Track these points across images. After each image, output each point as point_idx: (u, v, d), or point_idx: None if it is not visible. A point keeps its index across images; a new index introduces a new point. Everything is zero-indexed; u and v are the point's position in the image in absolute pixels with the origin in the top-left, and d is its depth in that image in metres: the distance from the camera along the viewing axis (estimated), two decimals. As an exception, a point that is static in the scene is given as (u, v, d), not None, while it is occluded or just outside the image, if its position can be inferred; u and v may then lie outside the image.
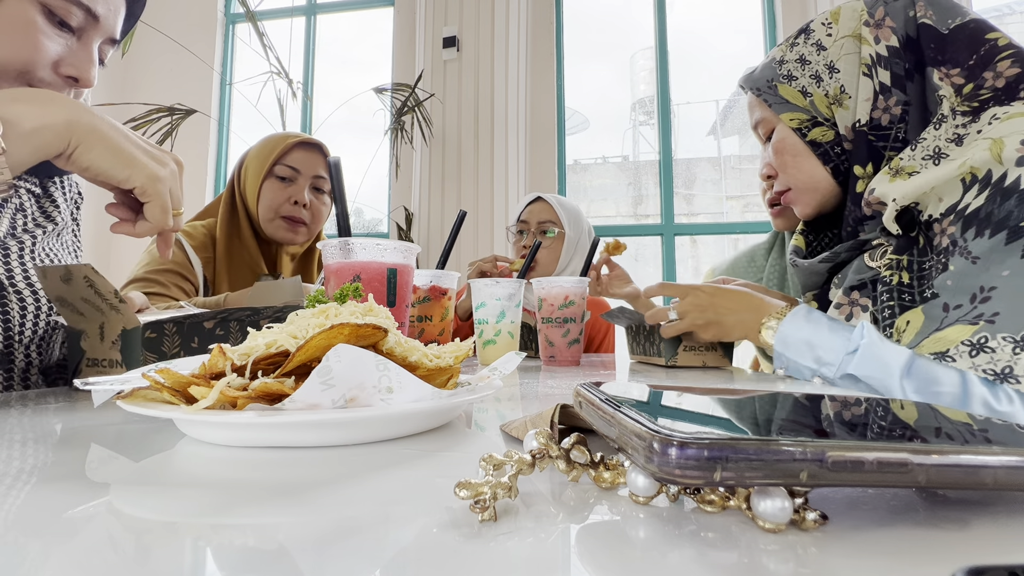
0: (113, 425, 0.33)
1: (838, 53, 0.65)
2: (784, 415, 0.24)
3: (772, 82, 0.70)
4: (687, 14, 3.16)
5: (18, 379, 0.57)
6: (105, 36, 0.59)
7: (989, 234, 0.50)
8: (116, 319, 0.48)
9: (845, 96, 0.65)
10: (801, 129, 0.69)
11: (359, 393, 0.27)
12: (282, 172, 1.03)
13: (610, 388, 0.25)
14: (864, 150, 0.64)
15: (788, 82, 0.69)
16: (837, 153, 0.68)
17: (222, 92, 3.15)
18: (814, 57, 0.67)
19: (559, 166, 2.77)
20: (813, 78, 0.67)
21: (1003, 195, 0.50)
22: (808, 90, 0.67)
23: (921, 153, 0.58)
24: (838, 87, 0.65)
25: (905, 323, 0.55)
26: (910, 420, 0.23)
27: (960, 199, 0.53)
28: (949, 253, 0.54)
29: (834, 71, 0.65)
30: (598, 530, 0.17)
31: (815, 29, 0.67)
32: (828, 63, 0.66)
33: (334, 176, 0.57)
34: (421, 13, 2.77)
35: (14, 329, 0.56)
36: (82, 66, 0.57)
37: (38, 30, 0.53)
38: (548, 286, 0.84)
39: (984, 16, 0.61)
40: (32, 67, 0.54)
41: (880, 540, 0.16)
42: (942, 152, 0.56)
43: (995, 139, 0.52)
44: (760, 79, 0.72)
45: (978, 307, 0.51)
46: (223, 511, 0.19)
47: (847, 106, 0.65)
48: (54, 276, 0.48)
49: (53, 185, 0.65)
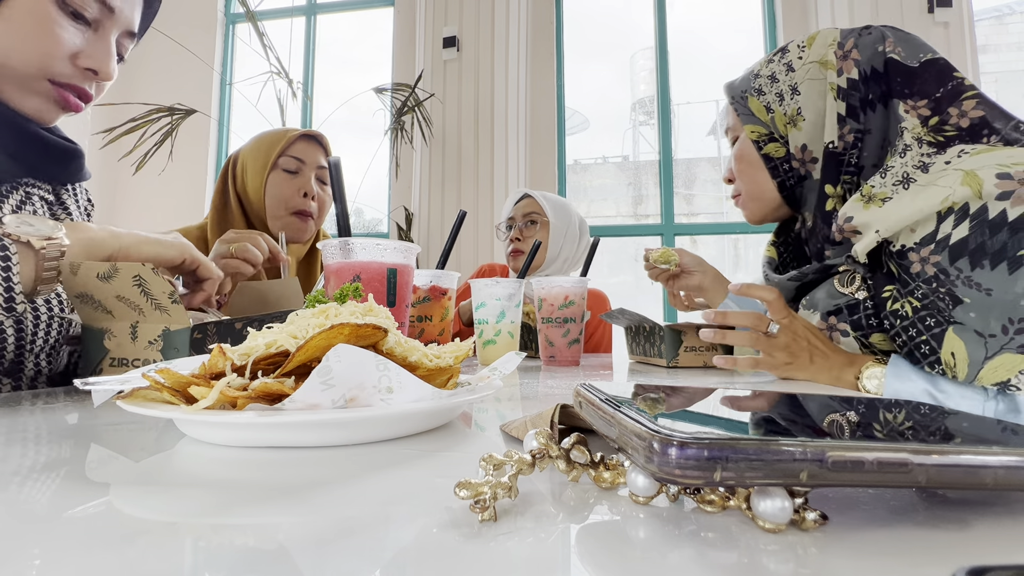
0: (113, 425, 0.33)
1: (803, 76, 0.69)
2: (784, 415, 0.24)
3: (745, 93, 0.75)
4: (687, 14, 3.16)
5: (26, 387, 0.57)
6: (122, 29, 0.59)
7: (990, 265, 0.53)
8: (158, 319, 0.48)
9: (800, 118, 0.70)
10: (759, 142, 0.74)
11: (359, 393, 0.27)
12: (288, 164, 1.01)
13: (610, 388, 0.25)
14: (833, 171, 0.68)
15: (757, 96, 0.73)
16: (785, 169, 0.73)
17: (222, 92, 3.15)
18: (783, 76, 0.71)
19: (559, 166, 2.77)
20: (777, 96, 0.71)
21: (991, 228, 0.53)
22: (771, 107, 0.72)
23: (891, 180, 0.61)
24: (795, 108, 0.70)
25: (950, 354, 0.55)
26: (910, 420, 0.23)
27: (936, 229, 0.56)
28: (944, 283, 0.56)
29: (796, 93, 0.70)
30: (598, 530, 0.17)
31: (790, 50, 0.71)
32: (792, 84, 0.70)
33: (334, 176, 0.57)
34: (421, 13, 2.77)
35: (27, 338, 0.55)
36: (101, 58, 0.57)
37: (53, 22, 0.53)
38: (548, 286, 0.84)
39: (984, 16, 0.62)
40: (50, 60, 0.54)
41: (880, 540, 0.16)
42: (910, 177, 0.60)
43: (967, 171, 0.55)
44: (737, 88, 0.76)
45: (1015, 337, 0.52)
46: (223, 511, 0.19)
47: (800, 127, 0.70)
48: (88, 272, 0.48)
49: (65, 192, 0.64)
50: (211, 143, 3.09)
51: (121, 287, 0.48)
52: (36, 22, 0.53)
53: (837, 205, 0.68)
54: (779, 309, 0.65)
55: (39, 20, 0.53)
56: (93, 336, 0.51)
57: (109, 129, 2.20)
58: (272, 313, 0.54)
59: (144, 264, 0.48)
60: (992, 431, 0.21)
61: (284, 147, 1.01)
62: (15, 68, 0.53)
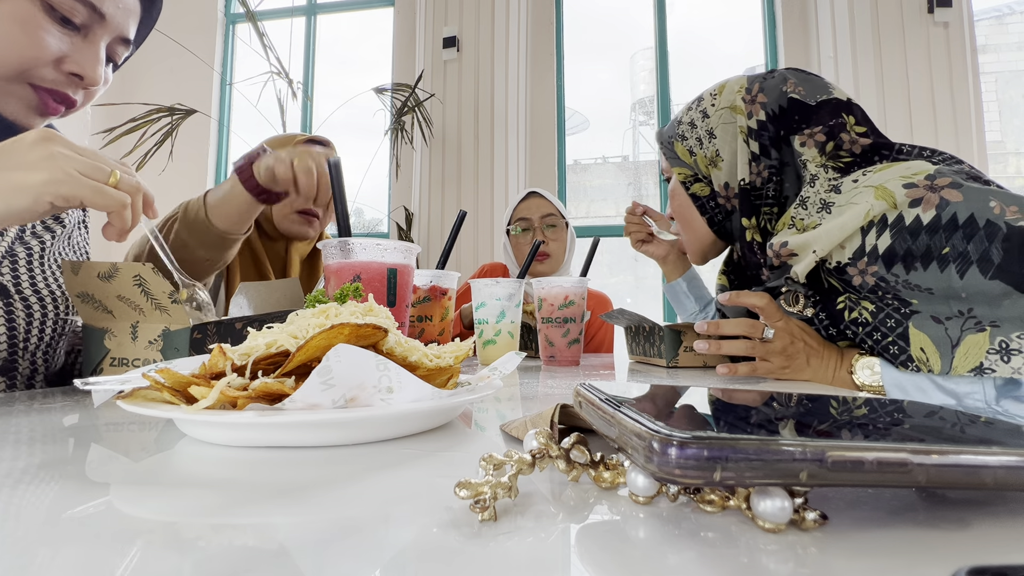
0: (113, 425, 0.33)
1: (717, 122, 0.75)
2: (784, 415, 0.24)
3: (671, 139, 0.81)
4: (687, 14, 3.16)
5: (22, 386, 0.57)
6: (114, 35, 0.59)
7: (922, 267, 0.57)
8: (158, 319, 0.48)
9: (719, 159, 0.75)
10: (686, 183, 0.80)
11: (359, 393, 0.27)
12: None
13: (610, 388, 0.25)
14: (748, 205, 0.74)
15: (681, 141, 0.79)
16: (712, 207, 0.79)
17: (222, 92, 3.15)
18: (700, 123, 0.77)
19: (559, 166, 2.77)
20: (697, 141, 0.77)
21: (911, 233, 0.57)
22: (693, 150, 0.78)
23: (813, 208, 0.66)
24: (714, 151, 0.76)
25: (920, 349, 0.57)
26: (910, 420, 0.23)
27: (863, 242, 0.60)
28: (888, 289, 0.59)
29: (712, 137, 0.75)
30: (598, 530, 0.17)
31: (704, 98, 0.77)
32: (708, 129, 0.76)
33: (334, 177, 0.57)
34: (421, 13, 2.77)
35: (19, 336, 0.55)
36: (87, 64, 0.56)
37: (39, 27, 0.53)
38: (548, 286, 0.84)
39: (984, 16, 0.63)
40: (33, 64, 0.54)
41: (880, 540, 0.16)
42: (827, 202, 0.65)
43: (877, 186, 0.60)
44: (665, 135, 0.83)
45: (967, 319, 0.55)
46: (223, 511, 0.19)
47: (720, 167, 0.76)
48: (89, 272, 0.48)
49: None
50: (211, 143, 3.09)
51: (122, 287, 0.48)
52: (20, 26, 0.52)
53: (755, 236, 0.74)
54: (772, 313, 0.66)
55: (23, 24, 0.52)
56: (94, 336, 0.51)
57: (109, 129, 2.20)
58: (272, 313, 0.54)
59: (144, 264, 0.48)
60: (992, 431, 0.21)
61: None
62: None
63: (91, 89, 0.59)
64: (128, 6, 0.59)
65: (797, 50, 2.63)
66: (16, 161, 0.43)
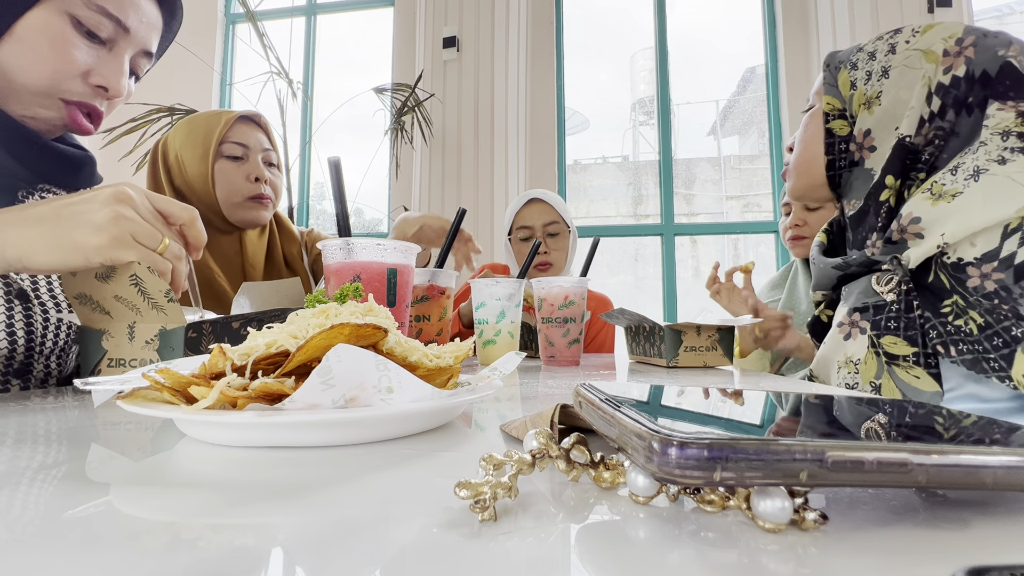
0: (113, 425, 0.33)
1: (899, 62, 0.65)
2: (784, 415, 0.24)
3: (840, 64, 0.70)
4: (687, 14, 3.16)
5: (35, 389, 0.57)
6: (138, 48, 0.60)
7: None
8: (155, 318, 0.48)
9: (876, 102, 0.65)
10: (829, 115, 0.70)
11: (359, 393, 0.27)
12: (232, 151, 0.95)
13: (610, 388, 0.25)
14: (899, 165, 0.64)
15: (850, 69, 0.68)
16: (841, 149, 0.69)
17: (222, 92, 3.15)
18: (881, 56, 0.66)
19: (559, 166, 2.77)
20: (866, 75, 0.67)
21: None
22: (856, 83, 0.67)
23: (961, 175, 0.58)
24: (876, 91, 0.65)
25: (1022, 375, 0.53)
26: (910, 420, 0.23)
27: (999, 246, 0.54)
28: (1007, 300, 0.54)
29: (884, 76, 0.65)
30: (598, 530, 0.17)
31: (903, 31, 0.67)
32: (885, 67, 0.65)
33: (334, 176, 0.57)
34: (421, 13, 2.76)
35: (36, 340, 0.56)
36: (111, 76, 0.57)
37: (67, 41, 0.54)
38: (548, 286, 0.84)
39: (984, 16, 0.62)
40: (61, 78, 0.55)
41: (880, 540, 0.16)
42: (981, 169, 0.56)
43: None
44: (836, 58, 0.72)
45: None
46: (223, 511, 0.19)
47: (873, 111, 0.66)
48: (87, 272, 0.48)
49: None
50: (211, 143, 3.08)
51: (119, 287, 0.48)
52: (49, 42, 0.53)
53: (891, 198, 0.65)
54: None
55: (52, 40, 0.53)
56: (91, 336, 0.51)
57: (109, 129, 2.20)
58: (272, 313, 0.54)
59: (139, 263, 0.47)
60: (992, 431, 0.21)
61: (222, 133, 0.94)
62: (26, 85, 0.54)
63: (113, 100, 0.60)
64: (151, 20, 0.60)
65: (797, 50, 2.63)
66: (84, 219, 0.44)
